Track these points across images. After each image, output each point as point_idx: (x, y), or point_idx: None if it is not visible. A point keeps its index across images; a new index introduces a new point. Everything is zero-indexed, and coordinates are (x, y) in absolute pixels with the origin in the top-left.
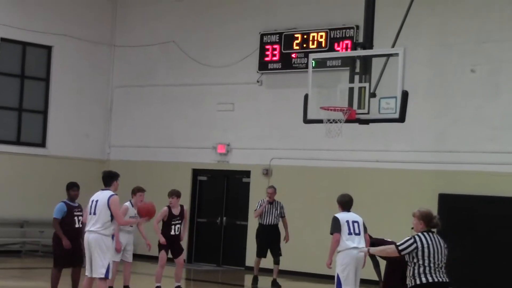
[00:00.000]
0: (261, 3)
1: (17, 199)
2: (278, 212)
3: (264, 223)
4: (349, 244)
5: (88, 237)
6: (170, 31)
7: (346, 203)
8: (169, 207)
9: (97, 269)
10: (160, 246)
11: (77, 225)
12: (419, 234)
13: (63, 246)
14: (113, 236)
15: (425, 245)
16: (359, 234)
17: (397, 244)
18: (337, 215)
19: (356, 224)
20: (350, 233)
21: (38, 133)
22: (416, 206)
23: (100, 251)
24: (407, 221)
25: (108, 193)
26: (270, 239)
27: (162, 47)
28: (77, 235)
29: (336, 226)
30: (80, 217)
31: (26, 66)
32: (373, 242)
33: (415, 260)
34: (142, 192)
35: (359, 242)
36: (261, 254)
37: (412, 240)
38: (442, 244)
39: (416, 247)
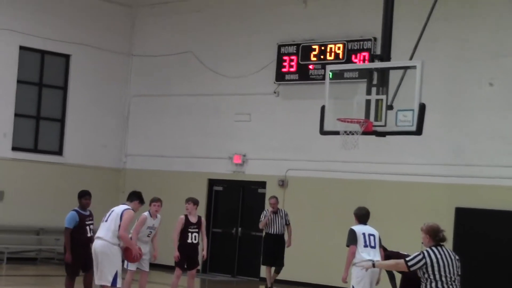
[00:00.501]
0: (279, 14)
1: (33, 207)
2: (284, 221)
3: (271, 232)
4: (364, 256)
5: (95, 244)
6: (188, 41)
7: (363, 216)
8: (185, 215)
9: (104, 277)
10: (176, 261)
11: (88, 234)
12: (428, 249)
13: (72, 255)
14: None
15: (434, 260)
16: (374, 247)
17: (406, 259)
18: (353, 227)
19: (372, 237)
20: (366, 246)
21: (55, 141)
22: (433, 220)
23: (107, 258)
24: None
25: (125, 206)
26: (276, 248)
27: (179, 57)
28: (88, 243)
29: (352, 238)
30: (91, 226)
31: (45, 75)
32: (389, 255)
33: (426, 276)
34: (157, 202)
35: (375, 255)
36: (268, 262)
37: (421, 256)
38: (453, 257)
39: (425, 263)
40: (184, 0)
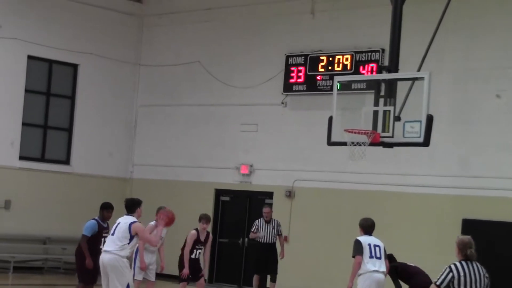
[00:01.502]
0: (287, 25)
1: (40, 216)
2: (276, 231)
3: (262, 242)
4: (370, 267)
5: (104, 258)
6: (196, 51)
7: (368, 227)
8: (197, 231)
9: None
10: (182, 277)
11: (101, 246)
12: (456, 262)
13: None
14: (136, 255)
15: (461, 274)
16: (380, 258)
17: (435, 282)
18: (359, 238)
19: (377, 248)
20: (371, 257)
21: (62, 151)
22: (440, 231)
23: (117, 271)
24: (430, 245)
25: (131, 218)
26: (267, 257)
27: (187, 67)
28: (99, 254)
29: (358, 248)
30: (105, 239)
31: (52, 84)
32: (396, 266)
33: None
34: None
35: (380, 266)
36: (258, 271)
37: (448, 270)
38: (482, 273)
39: (453, 276)
40: (193, 10)
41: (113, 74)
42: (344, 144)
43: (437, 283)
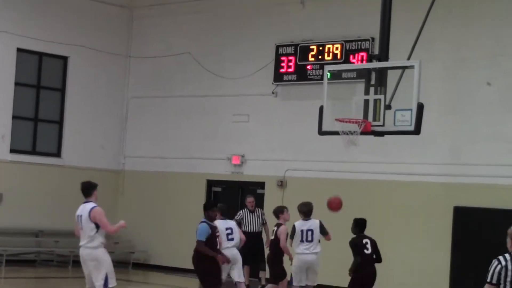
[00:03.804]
0: (276, 15)
1: (32, 209)
2: (260, 220)
3: (248, 231)
4: (300, 249)
5: (82, 253)
6: (186, 42)
7: (307, 212)
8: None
9: (96, 282)
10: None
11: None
12: (504, 254)
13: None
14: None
15: (510, 266)
16: (311, 241)
17: (487, 279)
18: (295, 223)
19: (309, 232)
20: (302, 240)
21: (53, 143)
22: (431, 219)
23: (93, 264)
24: (421, 233)
25: (89, 205)
26: (254, 247)
27: (177, 59)
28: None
29: (291, 233)
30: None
31: (42, 76)
32: (354, 241)
33: (502, 286)
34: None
35: (310, 247)
36: (246, 261)
37: (496, 262)
38: None
39: (501, 267)
40: (183, 2)
41: (103, 66)
42: (335, 133)
43: (488, 279)
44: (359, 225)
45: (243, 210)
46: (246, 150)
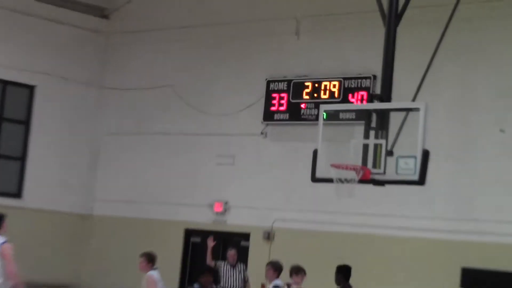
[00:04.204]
0: (268, 46)
1: None
2: (242, 276)
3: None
4: None
5: None
6: (166, 74)
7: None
8: None
9: None
10: None
11: None
12: None
13: None
14: None
15: None
16: None
17: None
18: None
19: None
20: None
21: (13, 182)
22: (436, 280)
23: None
24: None
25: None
26: None
27: (157, 92)
28: None
29: None
30: None
31: (6, 107)
32: None
33: None
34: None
35: None
36: None
37: None
38: None
39: None
40: (165, 29)
41: (73, 97)
42: (330, 180)
43: None
44: (343, 271)
45: (224, 263)
46: (230, 196)
